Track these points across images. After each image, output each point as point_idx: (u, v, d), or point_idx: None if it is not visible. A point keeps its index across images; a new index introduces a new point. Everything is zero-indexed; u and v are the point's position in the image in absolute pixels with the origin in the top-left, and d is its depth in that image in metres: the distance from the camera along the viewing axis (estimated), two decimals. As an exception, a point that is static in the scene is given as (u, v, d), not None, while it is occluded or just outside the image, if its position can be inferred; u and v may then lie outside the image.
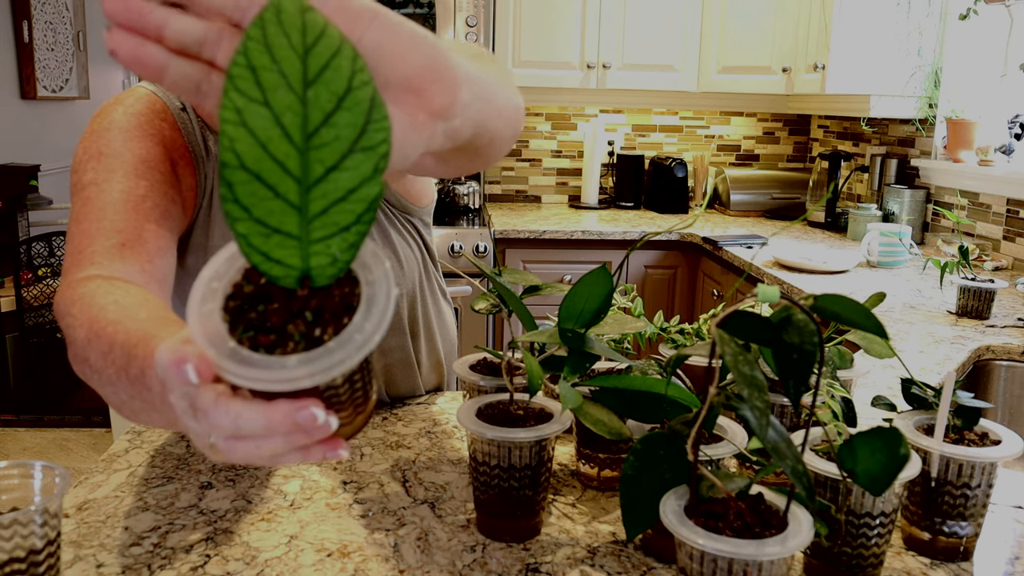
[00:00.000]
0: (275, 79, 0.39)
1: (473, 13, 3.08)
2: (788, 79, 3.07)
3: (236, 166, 0.39)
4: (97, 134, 0.93)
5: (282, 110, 0.39)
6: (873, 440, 0.61)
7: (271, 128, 0.39)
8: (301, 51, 0.38)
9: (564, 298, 0.75)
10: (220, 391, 0.44)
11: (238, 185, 0.40)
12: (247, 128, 0.39)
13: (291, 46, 0.38)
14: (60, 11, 4.84)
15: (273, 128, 0.39)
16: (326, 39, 0.38)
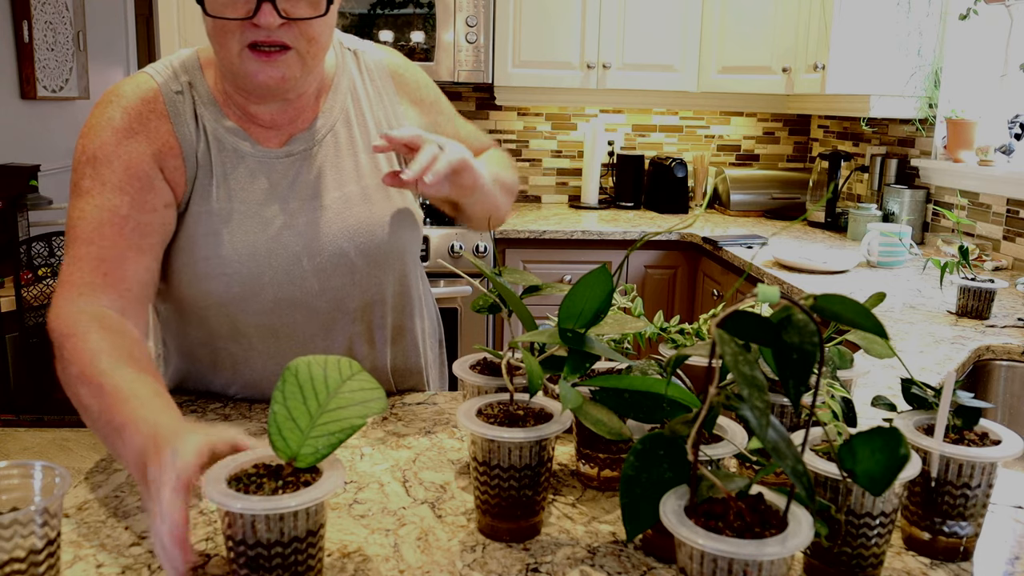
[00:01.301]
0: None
1: (473, 13, 3.08)
2: (788, 79, 3.07)
3: (293, 376, 0.70)
4: (95, 132, 1.04)
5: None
6: (873, 440, 0.62)
7: (320, 376, 0.71)
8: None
9: (564, 298, 0.75)
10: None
11: (288, 385, 0.70)
12: (308, 369, 0.71)
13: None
14: (60, 11, 4.84)
15: (320, 377, 0.71)
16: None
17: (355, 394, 0.70)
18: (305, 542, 0.65)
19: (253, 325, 1.10)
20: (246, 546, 0.63)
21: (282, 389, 0.69)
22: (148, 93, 1.06)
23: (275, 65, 1.00)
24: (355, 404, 0.69)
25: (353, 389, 0.71)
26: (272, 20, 0.97)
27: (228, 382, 1.15)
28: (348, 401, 0.69)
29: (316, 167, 1.12)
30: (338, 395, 0.69)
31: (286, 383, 0.69)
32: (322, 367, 0.70)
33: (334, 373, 0.71)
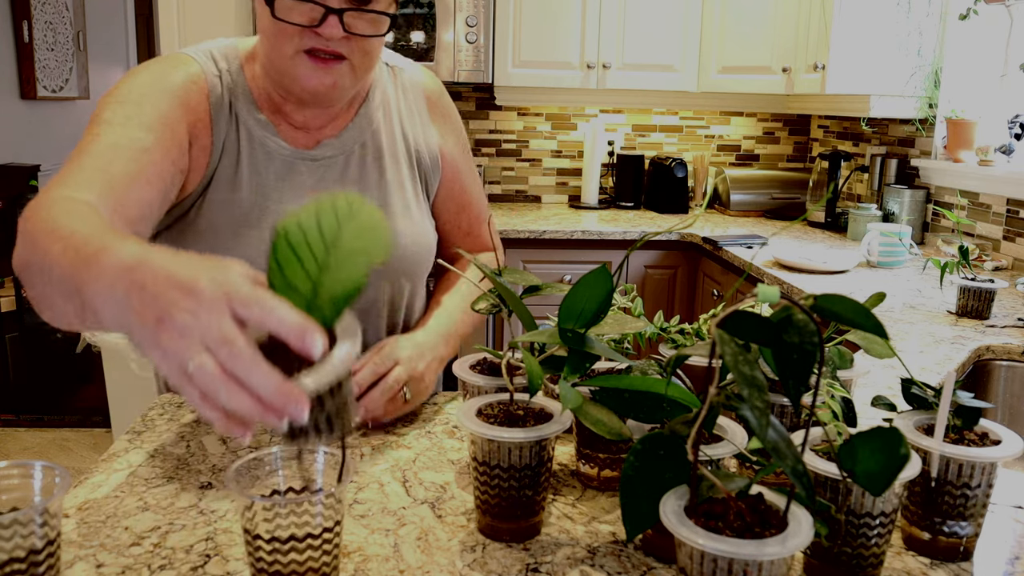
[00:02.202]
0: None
1: (473, 13, 3.08)
2: (788, 79, 3.07)
3: (283, 240, 0.60)
4: (131, 77, 1.03)
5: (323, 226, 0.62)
6: (873, 440, 0.62)
7: (313, 231, 0.61)
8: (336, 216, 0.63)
9: (564, 298, 0.75)
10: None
11: (280, 250, 0.60)
12: (299, 225, 0.61)
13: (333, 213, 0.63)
14: (60, 11, 4.84)
15: (315, 231, 0.61)
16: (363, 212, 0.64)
17: (354, 242, 0.62)
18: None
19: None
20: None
21: (275, 257, 0.60)
22: (192, 68, 1.06)
23: (329, 72, 1.02)
24: (356, 255, 0.61)
25: (354, 234, 0.62)
26: (336, 32, 0.98)
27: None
28: (350, 250, 0.61)
29: (341, 174, 1.14)
30: (337, 247, 0.61)
31: (278, 250, 0.60)
32: (314, 218, 0.61)
33: (329, 220, 0.62)
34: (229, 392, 0.53)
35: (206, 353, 0.53)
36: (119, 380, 2.77)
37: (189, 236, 1.08)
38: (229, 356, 0.53)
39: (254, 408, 0.53)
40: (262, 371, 0.53)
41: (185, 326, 0.54)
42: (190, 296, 0.55)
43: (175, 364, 0.54)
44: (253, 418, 0.54)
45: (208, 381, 0.53)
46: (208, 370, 0.53)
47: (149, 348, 0.56)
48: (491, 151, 3.67)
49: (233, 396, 0.53)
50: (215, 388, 0.53)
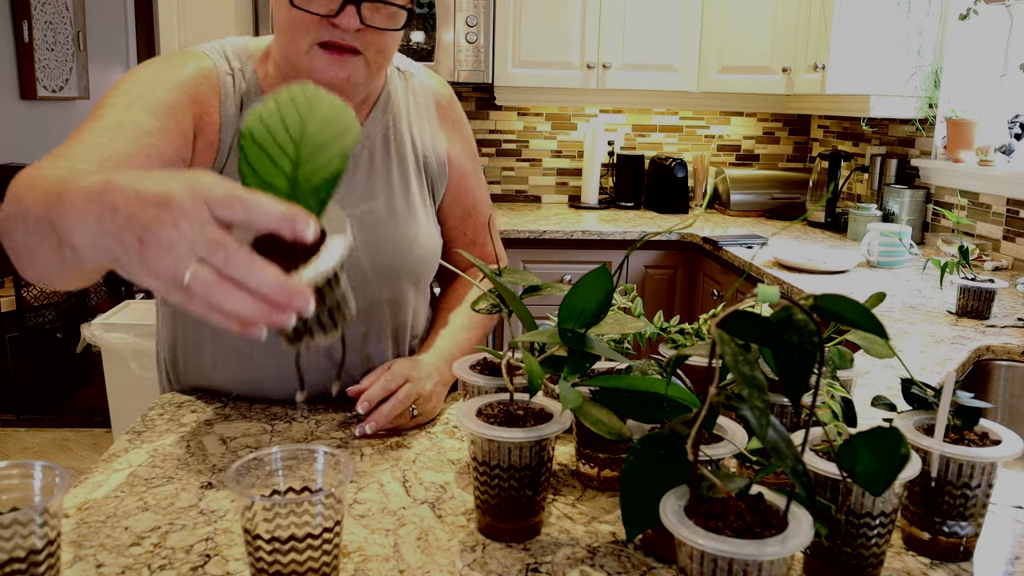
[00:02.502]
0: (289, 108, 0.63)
1: (473, 13, 3.08)
2: (788, 79, 3.07)
3: (250, 142, 0.60)
4: (141, 69, 1.03)
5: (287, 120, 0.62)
6: (873, 440, 0.61)
7: (279, 129, 0.61)
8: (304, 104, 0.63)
9: (564, 298, 0.75)
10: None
11: (250, 152, 0.60)
12: (262, 123, 0.61)
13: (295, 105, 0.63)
14: (60, 11, 4.84)
15: (280, 129, 0.61)
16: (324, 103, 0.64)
17: (323, 132, 0.61)
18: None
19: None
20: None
21: (247, 161, 0.59)
22: (205, 63, 1.07)
23: (343, 65, 1.02)
24: (328, 143, 0.61)
25: (319, 126, 0.61)
26: (352, 22, 0.98)
27: (229, 378, 1.15)
28: (319, 142, 0.61)
29: (349, 177, 1.14)
30: (305, 140, 0.60)
31: (248, 153, 0.59)
32: (277, 116, 0.61)
33: (291, 114, 0.61)
34: (231, 296, 0.52)
35: (198, 263, 0.52)
36: (119, 380, 2.77)
37: None
38: (224, 260, 0.52)
39: (259, 308, 0.52)
40: (260, 269, 0.52)
41: (170, 240, 0.52)
42: (166, 209, 0.53)
43: (170, 281, 0.53)
44: (259, 319, 0.53)
45: (208, 290, 0.52)
46: (205, 279, 0.52)
47: (137, 272, 0.55)
48: (491, 151, 3.67)
49: (236, 299, 0.52)
50: (216, 295, 0.52)
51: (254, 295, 0.52)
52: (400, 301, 1.19)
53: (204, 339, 1.15)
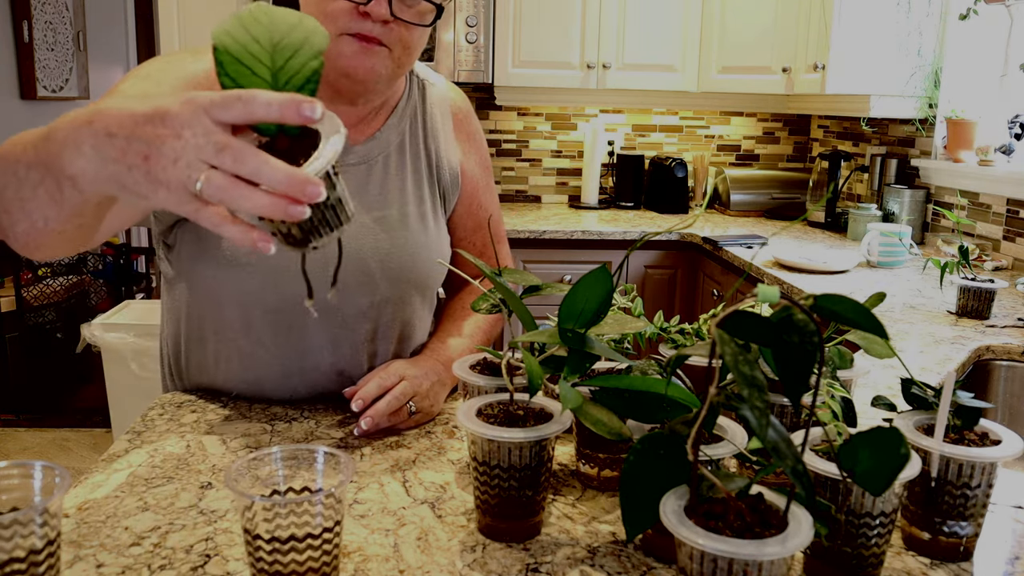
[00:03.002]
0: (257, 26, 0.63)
1: (473, 13, 3.08)
2: (788, 79, 3.07)
3: (227, 55, 0.60)
4: (153, 61, 1.03)
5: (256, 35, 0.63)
6: (873, 440, 0.61)
7: (250, 42, 0.62)
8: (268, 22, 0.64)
9: (564, 298, 0.75)
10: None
11: (227, 65, 0.60)
12: (232, 38, 0.61)
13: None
14: (60, 11, 4.84)
15: (251, 42, 0.62)
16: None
17: (292, 36, 0.63)
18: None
19: (267, 322, 1.10)
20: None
21: (226, 75, 0.60)
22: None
23: (370, 55, 1.01)
24: (300, 46, 0.62)
25: (286, 32, 0.63)
26: (384, 12, 0.98)
27: (230, 378, 1.15)
28: (291, 46, 0.62)
29: (363, 183, 1.14)
30: (277, 48, 0.62)
31: (226, 66, 0.60)
32: (242, 28, 0.62)
33: (255, 27, 0.62)
34: (245, 195, 0.53)
35: (208, 169, 0.53)
36: (119, 380, 2.77)
37: (211, 237, 1.08)
38: (233, 160, 0.53)
39: (275, 203, 0.54)
40: (270, 164, 0.53)
41: (175, 151, 0.54)
42: (165, 123, 0.54)
43: (181, 192, 0.54)
44: (275, 214, 0.54)
45: (223, 193, 0.53)
46: (218, 183, 0.53)
47: (145, 189, 0.55)
48: (491, 151, 3.67)
49: (250, 197, 0.53)
50: (230, 196, 0.53)
51: (267, 191, 0.53)
52: (405, 306, 1.19)
53: (208, 335, 1.15)
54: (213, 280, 1.09)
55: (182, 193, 0.54)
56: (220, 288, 1.09)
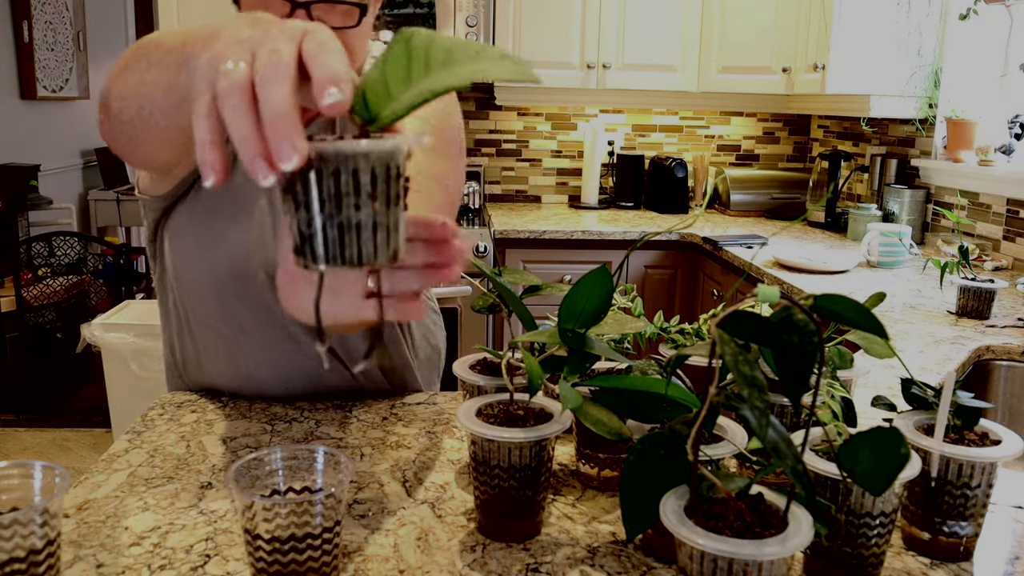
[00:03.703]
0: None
1: (473, 13, 3.08)
2: (788, 79, 3.07)
3: (403, 46, 0.51)
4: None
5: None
6: (873, 440, 0.61)
7: (440, 50, 0.52)
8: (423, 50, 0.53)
9: (564, 298, 0.75)
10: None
11: (394, 50, 0.52)
12: (427, 34, 0.52)
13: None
14: (60, 11, 4.84)
15: (442, 51, 0.52)
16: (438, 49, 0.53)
17: (483, 63, 0.52)
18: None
19: (243, 307, 1.10)
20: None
21: (385, 56, 0.52)
22: None
23: None
24: (469, 61, 0.51)
25: (487, 60, 0.52)
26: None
27: (221, 372, 1.15)
28: (466, 67, 0.52)
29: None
30: (457, 64, 0.51)
31: (393, 48, 0.52)
32: (449, 42, 0.52)
33: (463, 54, 0.52)
34: (235, 105, 0.47)
35: (246, 63, 0.48)
36: (119, 380, 2.77)
37: (185, 220, 1.09)
38: (264, 62, 0.48)
39: (249, 135, 0.47)
40: (282, 89, 0.47)
41: (248, 37, 0.50)
42: (273, 22, 0.51)
43: (211, 71, 0.49)
44: (245, 151, 0.47)
45: (225, 86, 0.47)
46: (233, 75, 0.47)
47: (201, 63, 0.50)
48: (491, 151, 3.67)
49: (236, 111, 0.47)
50: (225, 97, 0.47)
51: (255, 119, 0.47)
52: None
53: (194, 328, 1.15)
54: (189, 265, 1.10)
55: (210, 72, 0.48)
56: (196, 273, 1.10)
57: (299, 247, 0.50)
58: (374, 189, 0.49)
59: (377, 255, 0.50)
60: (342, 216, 0.49)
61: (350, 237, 0.49)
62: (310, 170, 0.48)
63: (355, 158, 0.48)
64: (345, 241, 0.49)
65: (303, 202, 0.48)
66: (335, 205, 0.48)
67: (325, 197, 0.48)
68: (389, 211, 0.50)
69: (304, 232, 0.49)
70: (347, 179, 0.48)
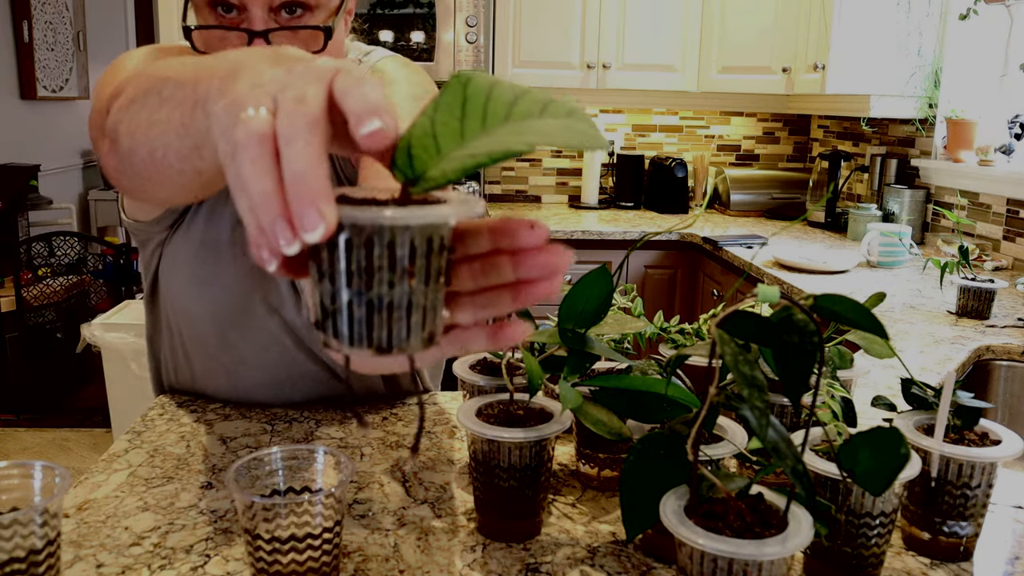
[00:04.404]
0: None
1: (473, 13, 3.08)
2: (788, 79, 3.07)
3: (459, 90, 0.44)
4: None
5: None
6: (873, 440, 0.61)
7: (501, 103, 0.44)
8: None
9: (564, 298, 0.75)
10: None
11: (447, 95, 0.43)
12: (487, 82, 0.45)
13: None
14: (60, 11, 4.84)
15: (503, 105, 0.44)
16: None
17: (529, 108, 0.44)
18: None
19: (244, 339, 1.10)
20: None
21: (437, 100, 0.44)
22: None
23: None
24: (533, 118, 0.44)
25: (552, 115, 0.45)
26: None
27: (220, 390, 1.14)
28: (526, 126, 0.44)
29: None
30: (517, 120, 0.44)
31: (445, 94, 0.44)
32: (512, 93, 0.45)
33: (526, 109, 0.44)
34: (254, 159, 0.40)
35: (267, 110, 0.41)
36: (119, 380, 2.77)
37: (181, 252, 1.07)
38: (288, 112, 0.40)
39: (269, 194, 0.39)
40: (308, 143, 0.39)
41: (269, 79, 0.43)
42: (299, 60, 0.45)
43: (230, 120, 0.42)
44: (264, 213, 0.40)
45: (243, 137, 0.40)
46: (251, 124, 0.40)
47: (218, 110, 0.44)
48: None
49: (256, 166, 0.40)
50: (242, 149, 0.40)
51: (277, 176, 0.40)
52: None
53: (190, 350, 1.14)
54: (187, 298, 1.08)
55: (229, 123, 0.42)
56: (193, 306, 1.08)
57: (320, 322, 0.43)
58: (412, 264, 0.42)
59: (410, 339, 0.43)
60: (372, 293, 0.42)
61: (380, 318, 0.42)
62: (338, 237, 0.41)
63: (393, 229, 0.41)
64: (374, 322, 0.42)
65: (328, 273, 0.42)
66: (365, 280, 0.41)
67: (354, 270, 0.41)
68: (428, 289, 0.43)
69: (327, 307, 0.42)
70: (381, 251, 0.41)
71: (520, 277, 0.46)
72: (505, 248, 0.46)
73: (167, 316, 1.15)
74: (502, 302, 0.47)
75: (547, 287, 0.46)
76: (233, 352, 1.11)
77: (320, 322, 0.43)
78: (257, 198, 0.40)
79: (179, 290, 1.08)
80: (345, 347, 0.43)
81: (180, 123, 0.55)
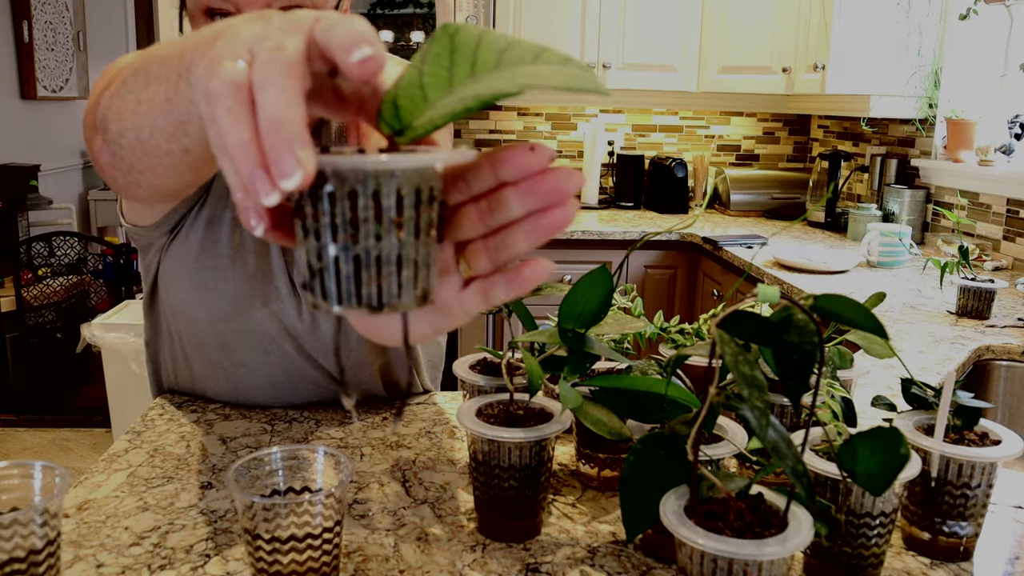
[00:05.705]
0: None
1: (473, 13, 3.08)
2: (788, 79, 3.07)
3: (446, 41, 0.43)
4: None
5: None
6: (873, 440, 0.61)
7: (490, 51, 0.43)
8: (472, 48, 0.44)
9: (564, 298, 0.75)
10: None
11: (435, 46, 0.42)
12: (474, 29, 0.44)
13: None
14: (60, 11, 4.84)
15: (492, 52, 0.43)
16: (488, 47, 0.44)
17: (523, 55, 0.43)
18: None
19: (244, 344, 1.09)
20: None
21: (423, 53, 0.43)
22: None
23: None
24: (525, 64, 0.42)
25: (543, 62, 0.44)
26: None
27: (220, 394, 1.14)
28: (515, 70, 0.43)
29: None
30: (508, 68, 0.43)
31: (433, 44, 0.43)
32: (504, 41, 0.44)
33: (518, 55, 0.43)
34: (229, 108, 0.38)
35: (245, 60, 0.39)
36: (119, 380, 2.77)
37: (180, 256, 1.07)
38: (262, 60, 0.39)
39: (245, 147, 0.38)
40: (283, 89, 0.38)
41: (247, 32, 0.41)
42: (275, 14, 0.43)
43: (209, 74, 0.40)
44: (242, 164, 0.38)
45: (217, 87, 0.39)
46: (227, 75, 0.39)
47: (199, 73, 0.42)
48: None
49: (231, 117, 0.38)
50: (217, 99, 0.39)
51: (252, 124, 0.38)
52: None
53: (191, 355, 1.14)
54: (187, 304, 1.08)
55: (208, 76, 0.40)
56: (193, 311, 1.08)
57: (308, 282, 0.42)
58: (399, 215, 0.40)
59: (401, 296, 0.42)
60: (359, 248, 0.40)
61: (368, 274, 0.41)
62: (321, 189, 0.39)
63: (377, 176, 0.39)
64: (362, 278, 0.41)
65: (312, 229, 0.40)
66: (351, 234, 0.40)
67: (339, 223, 0.40)
68: (418, 243, 0.41)
69: (313, 265, 0.41)
70: (366, 202, 0.39)
71: (529, 208, 0.43)
72: (510, 180, 0.44)
73: (167, 320, 1.14)
74: (516, 241, 0.44)
75: (560, 216, 0.43)
76: (233, 357, 1.11)
77: (308, 282, 0.42)
78: (234, 150, 0.38)
79: (179, 295, 1.08)
80: (334, 307, 0.41)
81: (165, 98, 0.53)
